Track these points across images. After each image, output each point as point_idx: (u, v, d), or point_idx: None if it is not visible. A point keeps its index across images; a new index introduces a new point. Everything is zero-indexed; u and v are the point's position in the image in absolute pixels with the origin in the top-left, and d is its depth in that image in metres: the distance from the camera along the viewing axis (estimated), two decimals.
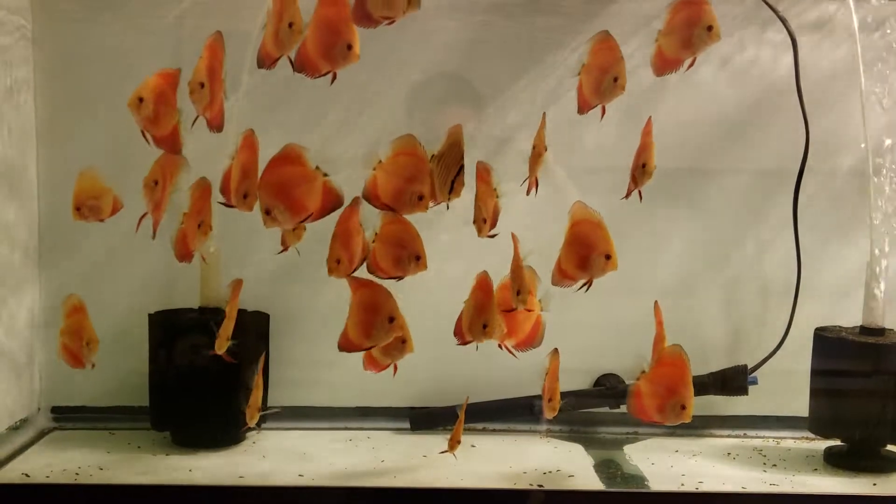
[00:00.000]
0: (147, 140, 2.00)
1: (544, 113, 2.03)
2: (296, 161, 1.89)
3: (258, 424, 2.11)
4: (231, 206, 1.97)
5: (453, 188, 1.95)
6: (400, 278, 1.98)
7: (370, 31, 1.92)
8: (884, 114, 2.37)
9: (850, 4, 2.35)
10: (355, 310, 1.98)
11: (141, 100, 1.96)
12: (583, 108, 2.07)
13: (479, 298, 2.04)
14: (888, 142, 2.37)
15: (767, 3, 2.44)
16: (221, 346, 2.06)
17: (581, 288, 2.03)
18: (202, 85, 1.94)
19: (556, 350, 2.11)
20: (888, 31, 2.40)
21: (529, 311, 2.10)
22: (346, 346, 1.99)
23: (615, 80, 2.01)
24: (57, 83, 2.52)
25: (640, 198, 2.05)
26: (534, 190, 2.04)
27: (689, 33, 1.96)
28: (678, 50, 1.98)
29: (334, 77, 1.87)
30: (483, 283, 2.04)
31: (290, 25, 1.85)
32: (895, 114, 2.39)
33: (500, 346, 2.10)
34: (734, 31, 2.53)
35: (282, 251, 2.05)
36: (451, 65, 2.49)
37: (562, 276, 2.05)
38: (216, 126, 2.01)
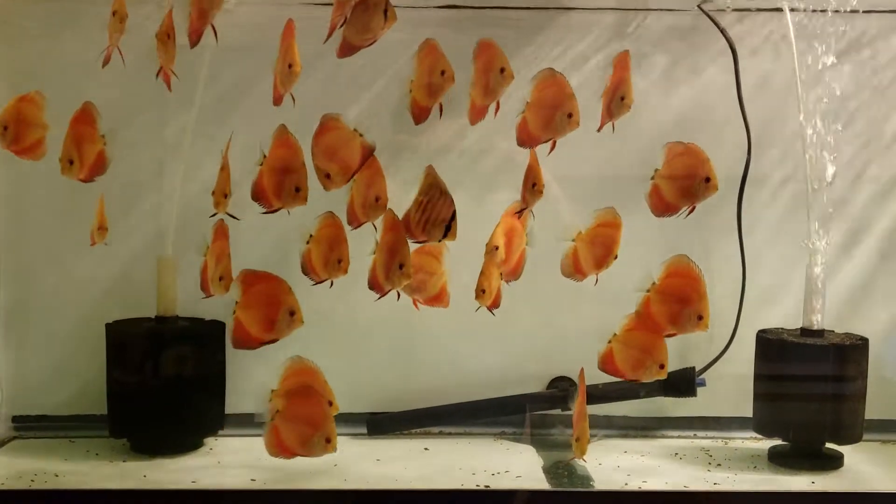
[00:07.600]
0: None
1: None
2: (335, 127, 2.06)
3: None
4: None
5: (449, 231, 2.05)
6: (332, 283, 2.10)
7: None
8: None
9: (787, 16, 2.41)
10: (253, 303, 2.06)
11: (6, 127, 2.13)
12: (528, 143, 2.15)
13: (391, 240, 2.06)
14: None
15: (708, 15, 2.51)
16: None
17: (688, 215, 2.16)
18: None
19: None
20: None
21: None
22: (244, 341, 2.08)
23: (569, 115, 2.09)
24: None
25: (613, 129, 2.17)
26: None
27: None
28: None
29: None
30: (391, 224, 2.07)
31: None
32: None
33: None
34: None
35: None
36: (402, 76, 2.54)
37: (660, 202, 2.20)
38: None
